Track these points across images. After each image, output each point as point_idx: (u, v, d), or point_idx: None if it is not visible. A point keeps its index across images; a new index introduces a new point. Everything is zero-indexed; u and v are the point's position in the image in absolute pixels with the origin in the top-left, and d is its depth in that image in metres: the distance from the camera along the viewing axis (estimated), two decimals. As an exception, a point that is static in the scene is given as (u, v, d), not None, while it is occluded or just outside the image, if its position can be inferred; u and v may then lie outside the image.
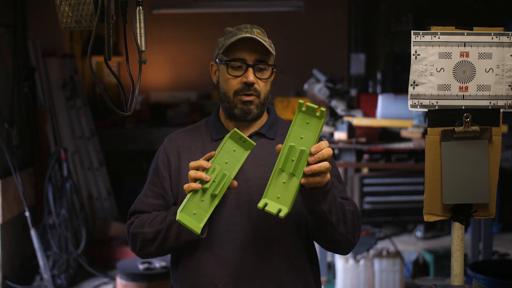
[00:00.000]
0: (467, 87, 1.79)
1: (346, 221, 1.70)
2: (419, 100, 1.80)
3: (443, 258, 4.74)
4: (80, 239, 4.71)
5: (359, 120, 4.77)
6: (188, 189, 1.59)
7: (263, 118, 1.86)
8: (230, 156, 1.61)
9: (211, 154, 1.61)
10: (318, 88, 4.94)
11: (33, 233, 4.28)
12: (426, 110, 1.81)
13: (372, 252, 4.22)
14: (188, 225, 1.56)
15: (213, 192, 1.59)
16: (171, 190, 1.82)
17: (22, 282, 4.40)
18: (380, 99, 5.14)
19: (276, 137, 1.84)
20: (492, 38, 1.78)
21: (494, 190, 1.82)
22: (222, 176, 1.59)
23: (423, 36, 1.78)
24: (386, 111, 5.01)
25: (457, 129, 1.79)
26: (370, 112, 5.33)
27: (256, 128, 1.84)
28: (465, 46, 1.78)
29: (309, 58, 8.32)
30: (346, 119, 4.76)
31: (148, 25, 1.69)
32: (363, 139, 4.49)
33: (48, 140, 5.10)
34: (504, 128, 4.91)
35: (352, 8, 8.03)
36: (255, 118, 1.81)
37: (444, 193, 1.81)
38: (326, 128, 4.72)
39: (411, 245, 5.61)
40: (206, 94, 8.43)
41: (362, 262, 4.17)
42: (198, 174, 1.58)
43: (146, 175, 1.97)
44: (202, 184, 1.58)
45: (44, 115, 5.01)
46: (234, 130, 1.60)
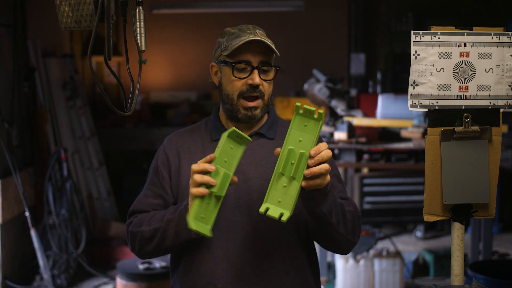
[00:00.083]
0: (467, 87, 1.79)
1: (346, 222, 1.70)
2: (419, 100, 1.80)
3: (443, 258, 4.74)
4: (80, 239, 4.71)
5: (359, 120, 4.76)
6: (197, 194, 1.56)
7: (263, 118, 1.86)
8: (228, 154, 1.60)
9: (212, 157, 1.59)
10: (318, 88, 4.93)
11: (33, 233, 4.28)
12: (426, 110, 1.81)
13: (372, 252, 4.22)
14: (201, 231, 1.55)
15: (218, 193, 1.58)
16: (171, 190, 1.82)
17: (22, 282, 4.40)
18: (380, 99, 5.14)
19: (276, 137, 1.84)
20: (492, 38, 1.78)
21: (494, 190, 1.82)
22: (224, 177, 1.59)
23: (423, 36, 1.78)
24: (386, 111, 5.01)
25: (457, 129, 1.79)
26: (370, 112, 5.33)
27: (256, 128, 1.84)
28: (465, 46, 1.78)
29: (309, 58, 8.32)
30: (346, 119, 4.75)
31: (148, 25, 1.69)
32: (363, 139, 4.49)
33: (48, 140, 5.10)
34: (504, 128, 4.91)
35: (352, 8, 8.02)
36: (258, 120, 1.82)
37: (444, 193, 1.81)
38: (326, 128, 4.72)
39: (411, 245, 5.61)
40: (206, 94, 8.43)
41: (362, 262, 4.17)
42: (205, 179, 1.56)
43: (146, 175, 1.97)
44: (209, 188, 1.57)
45: (44, 115, 5.01)
46: (232, 129, 1.60)
